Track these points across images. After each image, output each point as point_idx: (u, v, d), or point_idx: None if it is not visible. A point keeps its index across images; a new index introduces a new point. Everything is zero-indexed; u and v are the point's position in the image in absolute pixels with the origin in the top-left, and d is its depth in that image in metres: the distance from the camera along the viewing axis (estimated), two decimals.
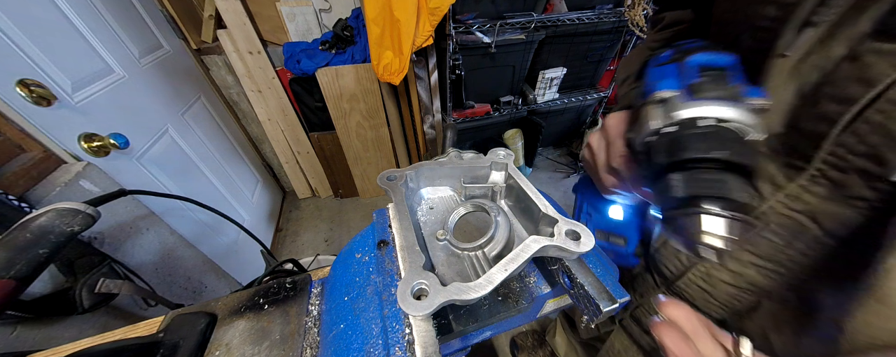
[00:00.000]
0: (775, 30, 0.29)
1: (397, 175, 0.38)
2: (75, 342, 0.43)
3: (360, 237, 0.39)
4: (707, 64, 0.30)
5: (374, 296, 0.32)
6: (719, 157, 0.26)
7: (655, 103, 0.30)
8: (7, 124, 0.77)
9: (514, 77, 1.89)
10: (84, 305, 0.72)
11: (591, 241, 0.29)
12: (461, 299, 0.24)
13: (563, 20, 1.62)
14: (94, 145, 0.93)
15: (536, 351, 1.24)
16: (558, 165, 2.53)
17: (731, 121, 0.27)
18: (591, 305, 0.29)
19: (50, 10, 0.94)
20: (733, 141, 0.26)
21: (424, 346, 0.25)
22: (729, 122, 0.27)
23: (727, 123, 0.27)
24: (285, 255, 1.97)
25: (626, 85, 0.51)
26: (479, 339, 0.36)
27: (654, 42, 0.53)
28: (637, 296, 0.53)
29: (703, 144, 0.26)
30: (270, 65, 1.71)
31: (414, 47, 1.34)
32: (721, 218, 0.24)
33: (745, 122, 0.26)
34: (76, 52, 0.99)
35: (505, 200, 0.41)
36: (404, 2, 1.24)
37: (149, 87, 1.27)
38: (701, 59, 0.30)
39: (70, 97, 0.92)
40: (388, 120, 1.94)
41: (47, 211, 0.46)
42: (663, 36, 0.52)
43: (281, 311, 0.41)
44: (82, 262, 0.76)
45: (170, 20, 1.48)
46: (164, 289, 1.05)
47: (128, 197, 0.71)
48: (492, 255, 0.33)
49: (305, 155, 2.10)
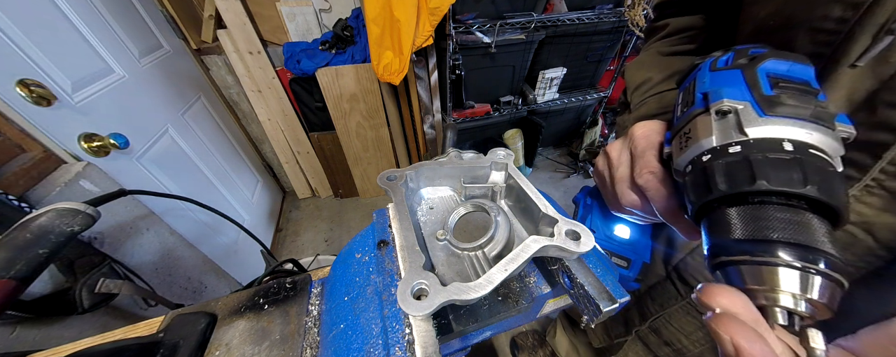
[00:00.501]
0: (841, 33, 0.26)
1: (397, 175, 0.38)
2: (75, 342, 0.43)
3: (360, 237, 0.39)
4: (784, 75, 0.24)
5: (374, 296, 0.32)
6: (810, 194, 0.20)
7: (716, 114, 0.25)
8: (7, 124, 0.77)
9: (514, 77, 1.89)
10: (84, 305, 0.72)
11: (591, 241, 0.29)
12: (461, 299, 0.24)
13: (563, 20, 1.62)
14: (94, 145, 0.93)
15: (536, 351, 1.24)
16: (558, 165, 2.53)
17: (818, 148, 0.21)
18: (591, 305, 0.29)
19: (50, 10, 0.94)
20: (822, 173, 0.20)
21: (424, 346, 0.25)
22: (815, 149, 0.21)
23: (814, 151, 0.21)
24: (285, 255, 1.97)
25: (642, 91, 0.46)
26: (479, 339, 0.36)
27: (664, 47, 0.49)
28: (656, 306, 0.51)
29: (788, 174, 0.20)
30: (270, 65, 1.71)
31: (414, 47, 1.34)
32: (808, 274, 0.19)
33: (831, 152, 0.21)
34: (76, 52, 0.99)
35: (505, 200, 0.41)
36: (404, 2, 1.24)
37: (149, 87, 1.27)
38: (776, 68, 0.25)
39: (70, 97, 0.92)
40: (388, 120, 1.94)
41: (47, 211, 0.46)
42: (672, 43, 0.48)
43: (281, 311, 0.41)
44: (82, 262, 0.76)
45: (170, 20, 1.48)
46: (164, 289, 1.05)
47: (128, 197, 0.71)
48: (492, 255, 0.33)
49: (305, 155, 2.10)
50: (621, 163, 0.38)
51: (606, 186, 0.41)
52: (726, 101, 0.24)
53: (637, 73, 0.49)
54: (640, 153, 0.35)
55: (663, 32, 0.49)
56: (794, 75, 0.24)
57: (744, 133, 0.23)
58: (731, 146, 0.23)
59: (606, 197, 0.42)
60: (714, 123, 0.25)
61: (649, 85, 0.46)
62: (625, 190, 0.37)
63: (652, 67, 0.47)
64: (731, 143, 0.23)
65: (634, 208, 0.37)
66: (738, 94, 0.24)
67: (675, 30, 0.48)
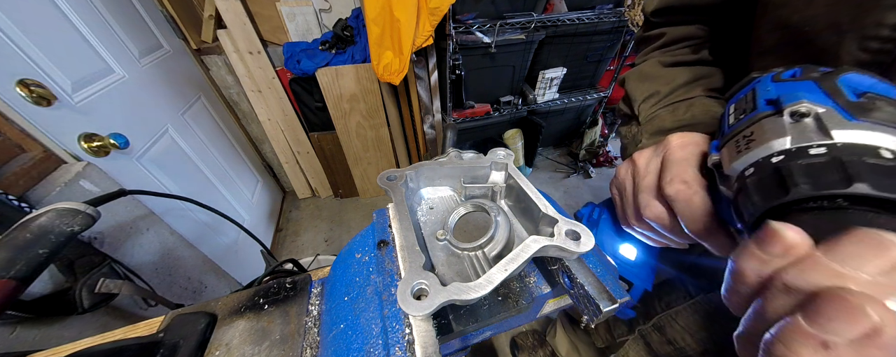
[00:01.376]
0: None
1: (397, 175, 0.38)
2: (75, 342, 0.43)
3: (360, 237, 0.39)
4: (868, 88, 0.21)
5: (374, 296, 0.32)
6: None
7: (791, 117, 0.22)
8: (7, 124, 0.77)
9: (514, 77, 1.89)
10: (84, 305, 0.72)
11: (591, 241, 0.29)
12: (461, 299, 0.24)
13: (563, 20, 1.62)
14: (94, 145, 0.93)
15: (536, 351, 1.24)
16: (558, 165, 2.53)
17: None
18: (591, 305, 0.29)
19: (50, 10, 0.94)
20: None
21: (424, 346, 0.25)
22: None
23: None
24: (285, 255, 1.97)
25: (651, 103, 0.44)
26: (479, 339, 0.36)
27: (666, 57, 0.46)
28: (662, 305, 0.51)
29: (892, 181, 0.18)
30: (270, 65, 1.71)
31: (414, 47, 1.34)
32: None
33: None
34: (76, 52, 0.99)
35: (505, 200, 0.41)
36: (404, 2, 1.24)
37: (149, 87, 1.27)
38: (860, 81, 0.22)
39: (70, 97, 0.92)
40: (388, 120, 1.94)
41: (47, 211, 0.46)
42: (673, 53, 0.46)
43: (281, 311, 0.41)
44: (82, 262, 0.76)
45: (170, 20, 1.48)
46: (164, 289, 1.05)
47: (128, 197, 0.71)
48: (492, 255, 0.33)
49: (305, 155, 2.10)
50: (649, 172, 0.35)
51: (626, 196, 0.38)
52: (806, 103, 0.21)
53: (642, 86, 0.47)
54: (673, 162, 0.32)
55: (659, 42, 0.48)
56: (878, 90, 0.21)
57: (829, 136, 0.20)
58: (812, 147, 0.20)
59: (623, 208, 0.39)
60: (788, 125, 0.21)
61: (658, 97, 0.44)
62: (650, 200, 0.34)
63: (657, 79, 0.45)
64: (812, 145, 0.20)
65: (657, 222, 0.34)
66: (819, 99, 0.21)
67: (673, 39, 0.46)
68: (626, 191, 0.38)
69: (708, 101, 0.40)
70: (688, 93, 0.42)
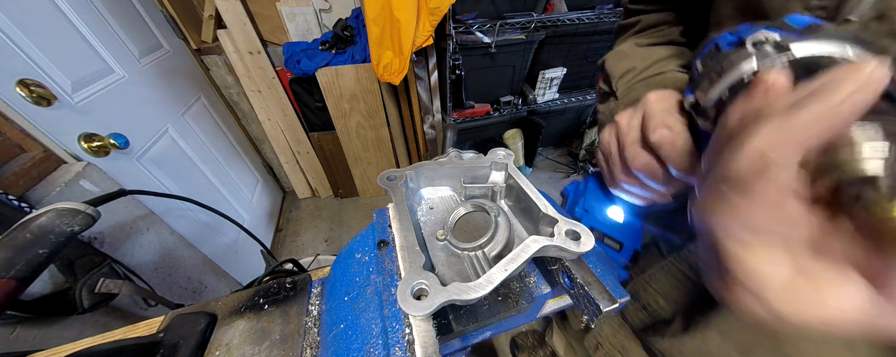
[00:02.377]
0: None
1: (397, 175, 0.38)
2: (75, 342, 0.43)
3: (360, 237, 0.39)
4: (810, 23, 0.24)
5: (374, 296, 0.32)
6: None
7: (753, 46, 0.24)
8: (7, 124, 0.77)
9: (514, 77, 1.89)
10: (84, 305, 0.72)
11: (591, 242, 0.29)
12: (461, 299, 0.24)
13: (563, 20, 1.62)
14: (94, 145, 0.93)
15: (536, 351, 1.24)
16: (558, 165, 2.53)
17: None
18: (591, 305, 0.29)
19: (50, 10, 0.94)
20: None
21: (424, 346, 0.25)
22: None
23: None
24: (285, 255, 1.97)
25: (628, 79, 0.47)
26: (479, 339, 0.36)
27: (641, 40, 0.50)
28: (637, 270, 0.50)
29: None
30: (270, 65, 1.71)
31: (414, 47, 1.34)
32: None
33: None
34: (76, 52, 0.99)
35: (505, 200, 0.41)
36: (404, 2, 1.24)
37: (149, 87, 1.27)
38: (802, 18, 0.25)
39: (70, 97, 0.92)
40: (388, 120, 1.94)
41: (47, 211, 0.46)
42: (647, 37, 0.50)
43: (281, 311, 0.41)
44: (82, 262, 0.76)
45: (170, 20, 1.48)
46: (164, 289, 1.05)
47: (128, 197, 0.71)
48: (492, 255, 0.33)
49: (305, 155, 2.10)
50: (632, 127, 0.36)
51: (612, 156, 0.40)
52: (764, 32, 0.24)
53: (620, 63, 0.50)
54: (655, 112, 0.34)
55: (635, 29, 0.52)
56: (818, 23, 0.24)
57: (788, 50, 0.22)
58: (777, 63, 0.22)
59: (610, 169, 0.41)
60: (752, 52, 0.24)
61: (634, 73, 0.47)
62: (637, 151, 0.36)
63: (634, 57, 0.48)
64: (775, 61, 0.22)
65: (645, 171, 0.36)
66: (774, 31, 0.24)
67: (646, 26, 0.50)
68: (611, 151, 0.40)
69: (681, 75, 0.43)
70: (662, 68, 0.45)
